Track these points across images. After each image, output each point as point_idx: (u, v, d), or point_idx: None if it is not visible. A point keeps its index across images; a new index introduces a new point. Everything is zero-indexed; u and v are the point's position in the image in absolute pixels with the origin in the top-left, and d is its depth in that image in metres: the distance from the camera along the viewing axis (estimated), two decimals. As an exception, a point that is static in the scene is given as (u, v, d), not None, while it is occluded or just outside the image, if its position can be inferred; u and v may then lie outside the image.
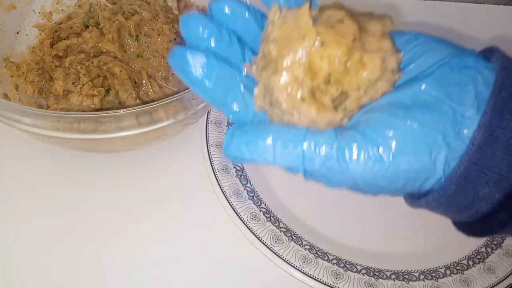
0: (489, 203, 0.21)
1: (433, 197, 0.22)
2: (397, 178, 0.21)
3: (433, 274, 0.37)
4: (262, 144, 0.21)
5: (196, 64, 0.22)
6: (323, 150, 0.21)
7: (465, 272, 0.37)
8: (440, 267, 0.37)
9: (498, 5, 0.61)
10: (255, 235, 0.36)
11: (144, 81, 0.42)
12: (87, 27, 0.44)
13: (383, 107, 0.22)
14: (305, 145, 0.21)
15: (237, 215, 0.37)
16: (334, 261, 0.36)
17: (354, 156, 0.21)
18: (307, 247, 0.37)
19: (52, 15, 0.47)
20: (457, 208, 0.22)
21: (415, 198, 0.23)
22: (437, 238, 0.40)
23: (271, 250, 0.36)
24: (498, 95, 0.20)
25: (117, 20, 0.42)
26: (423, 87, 0.22)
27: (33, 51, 0.44)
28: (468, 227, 0.24)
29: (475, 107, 0.20)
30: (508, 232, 0.23)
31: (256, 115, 0.24)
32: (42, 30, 0.46)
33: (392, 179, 0.21)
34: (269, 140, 0.21)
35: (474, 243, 0.39)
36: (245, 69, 0.23)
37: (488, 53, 0.23)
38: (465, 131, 0.20)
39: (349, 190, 0.23)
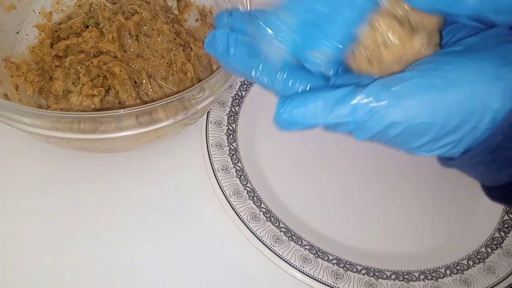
0: None
1: (478, 149, 0.22)
2: (454, 112, 0.21)
3: (433, 274, 0.37)
4: (312, 104, 0.22)
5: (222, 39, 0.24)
6: (374, 95, 0.21)
7: (465, 272, 0.37)
8: (440, 267, 0.37)
9: None
10: (255, 235, 0.36)
11: (144, 81, 0.42)
12: (87, 27, 0.44)
13: (435, 55, 0.22)
14: (355, 97, 0.21)
15: (237, 215, 0.37)
16: (334, 261, 0.36)
17: (408, 92, 0.20)
18: (307, 247, 0.37)
19: (52, 15, 0.47)
20: (499, 165, 0.22)
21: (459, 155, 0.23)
22: (437, 238, 0.40)
23: (271, 250, 0.36)
24: None
25: (117, 20, 0.42)
26: (473, 40, 0.22)
27: (33, 51, 0.45)
28: (504, 191, 0.24)
29: None
30: None
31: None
32: (42, 30, 0.46)
33: (449, 113, 0.21)
34: (319, 100, 0.22)
35: (474, 243, 0.39)
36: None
37: None
38: None
39: (402, 145, 0.23)
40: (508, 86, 0.20)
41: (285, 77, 0.24)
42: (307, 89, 0.24)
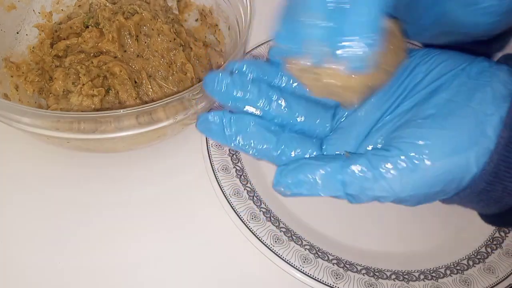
0: None
1: (464, 194, 0.23)
2: (436, 183, 0.22)
3: (433, 274, 0.37)
4: (306, 179, 0.24)
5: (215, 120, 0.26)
6: (361, 173, 0.23)
7: (465, 272, 0.37)
8: (440, 267, 0.37)
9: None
10: (255, 235, 0.36)
11: (144, 81, 0.42)
12: (87, 27, 0.44)
13: (410, 121, 0.24)
14: (344, 174, 0.23)
15: (237, 215, 0.37)
16: (334, 261, 0.36)
17: (391, 172, 0.22)
18: (307, 247, 0.37)
19: (52, 15, 0.47)
20: (486, 202, 0.23)
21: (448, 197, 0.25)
22: (437, 238, 0.40)
23: (271, 250, 0.36)
24: None
25: (117, 20, 0.42)
26: (444, 96, 0.23)
27: (33, 51, 0.45)
28: (496, 218, 0.25)
29: (495, 104, 0.22)
30: None
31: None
32: (42, 30, 0.46)
33: (432, 184, 0.22)
34: (311, 176, 0.24)
35: (474, 243, 0.39)
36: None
37: (505, 59, 0.25)
38: (488, 129, 0.22)
39: (394, 203, 0.24)
40: (483, 144, 0.22)
41: (280, 151, 0.26)
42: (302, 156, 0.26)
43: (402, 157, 0.22)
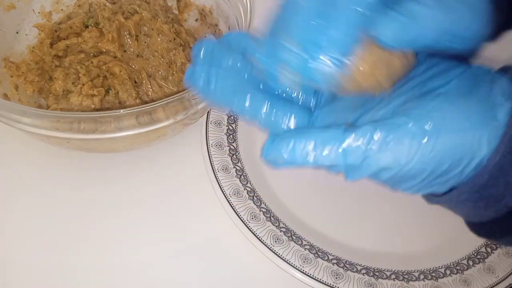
0: None
1: (465, 188, 0.22)
2: (444, 158, 0.21)
3: (433, 274, 0.37)
4: (303, 146, 0.22)
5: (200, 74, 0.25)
6: (366, 140, 0.21)
7: (465, 272, 0.37)
8: (440, 267, 0.37)
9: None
10: (255, 235, 0.36)
11: (144, 81, 0.42)
12: (87, 27, 0.44)
13: (419, 97, 0.22)
14: (346, 141, 0.21)
15: (237, 215, 0.37)
16: (334, 261, 0.37)
17: (400, 139, 0.21)
18: (307, 247, 0.37)
19: (51, 15, 0.47)
20: (485, 202, 0.22)
21: (445, 192, 0.24)
22: (437, 238, 0.40)
23: (271, 250, 0.36)
24: None
25: (117, 20, 0.42)
26: (454, 83, 0.22)
27: (33, 51, 0.44)
28: (490, 225, 0.24)
29: (505, 96, 0.21)
30: None
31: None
32: (42, 30, 0.45)
33: (440, 159, 0.21)
34: (309, 141, 0.22)
35: (474, 243, 0.39)
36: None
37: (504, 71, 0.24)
38: (499, 114, 0.21)
39: (390, 186, 0.23)
40: (493, 130, 0.21)
41: (267, 109, 0.24)
42: (292, 120, 0.24)
43: (411, 125, 0.21)
